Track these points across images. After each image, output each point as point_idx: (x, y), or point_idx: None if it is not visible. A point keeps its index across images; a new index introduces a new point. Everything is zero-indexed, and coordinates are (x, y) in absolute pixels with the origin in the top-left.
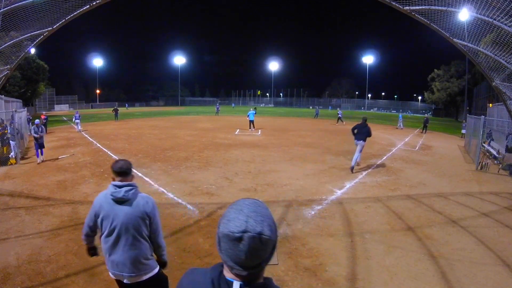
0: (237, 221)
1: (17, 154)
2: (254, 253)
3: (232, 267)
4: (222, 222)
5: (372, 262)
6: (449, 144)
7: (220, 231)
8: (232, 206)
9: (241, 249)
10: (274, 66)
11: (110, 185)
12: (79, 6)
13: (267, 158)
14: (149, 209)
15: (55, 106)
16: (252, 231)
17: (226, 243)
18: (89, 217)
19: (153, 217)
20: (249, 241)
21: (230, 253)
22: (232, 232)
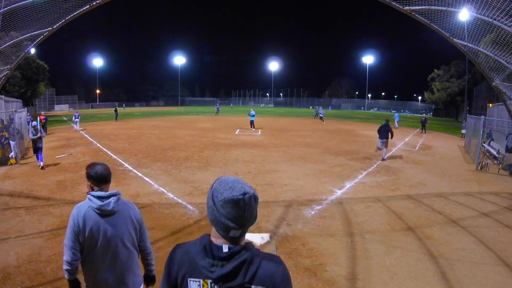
0: (236, 188)
1: (17, 154)
2: (251, 210)
3: (230, 228)
4: (220, 193)
5: (372, 262)
6: (449, 144)
7: (222, 199)
8: (220, 182)
9: (243, 208)
10: (274, 66)
11: (90, 196)
12: (79, 6)
13: (267, 158)
14: (137, 216)
15: (55, 106)
16: (249, 192)
17: (229, 207)
18: (70, 240)
19: (142, 223)
20: (248, 200)
21: (232, 215)
22: (236, 196)
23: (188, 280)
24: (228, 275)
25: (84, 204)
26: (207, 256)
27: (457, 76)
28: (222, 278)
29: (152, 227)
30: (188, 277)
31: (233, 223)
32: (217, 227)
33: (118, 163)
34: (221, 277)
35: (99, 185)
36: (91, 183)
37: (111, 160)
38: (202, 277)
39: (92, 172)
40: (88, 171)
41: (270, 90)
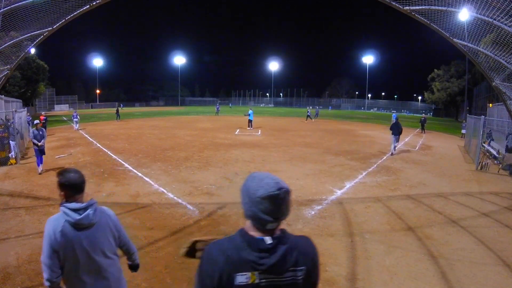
0: (271, 184)
1: (17, 154)
2: (286, 203)
3: (267, 222)
4: (256, 189)
5: (372, 262)
6: (449, 144)
7: (259, 195)
8: (253, 179)
9: (279, 203)
10: (274, 66)
11: (65, 209)
12: (79, 6)
13: (267, 158)
14: (115, 222)
15: (55, 106)
16: (284, 187)
17: (267, 202)
18: (49, 258)
19: (120, 228)
20: (284, 195)
21: (270, 209)
22: (272, 192)
23: (234, 275)
24: (276, 264)
25: (59, 218)
26: (253, 250)
27: (457, 76)
28: (271, 268)
29: (152, 227)
30: (234, 272)
31: (271, 217)
32: (254, 221)
33: (118, 163)
34: (271, 267)
35: (73, 196)
36: (64, 193)
37: (111, 160)
38: (249, 270)
39: (64, 181)
40: (59, 180)
41: (270, 90)
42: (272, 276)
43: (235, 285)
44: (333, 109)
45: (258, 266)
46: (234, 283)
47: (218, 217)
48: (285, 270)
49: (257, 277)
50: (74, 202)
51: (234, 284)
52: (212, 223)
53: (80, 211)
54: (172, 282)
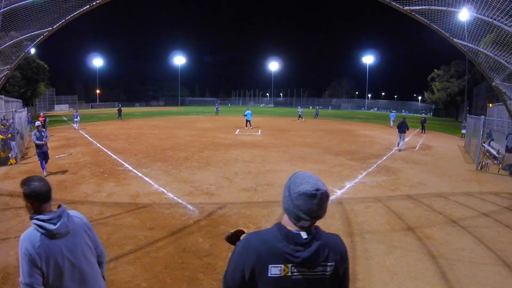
0: (311, 183)
1: (17, 154)
2: (322, 205)
3: (301, 218)
4: (296, 186)
5: (372, 262)
6: (449, 144)
7: (297, 192)
8: (297, 175)
9: (314, 203)
10: (274, 66)
11: (38, 222)
12: (79, 6)
13: (267, 158)
14: (87, 223)
15: (55, 106)
16: (322, 190)
17: (303, 199)
18: (30, 276)
19: (91, 228)
20: (320, 196)
21: (304, 207)
22: (309, 191)
23: (268, 266)
24: (310, 258)
25: (33, 232)
26: (290, 243)
27: (457, 76)
28: (305, 262)
29: (152, 227)
30: (268, 263)
31: (304, 214)
32: (289, 215)
33: (118, 163)
34: (305, 260)
35: (41, 206)
36: (31, 204)
37: (111, 160)
38: (284, 262)
39: (29, 191)
40: (24, 190)
41: (270, 90)
42: (305, 270)
43: (269, 277)
44: (333, 109)
45: (293, 259)
46: (267, 275)
47: (218, 217)
48: (317, 264)
49: (290, 270)
50: (44, 212)
51: (268, 275)
52: (212, 223)
53: (54, 220)
54: (172, 282)
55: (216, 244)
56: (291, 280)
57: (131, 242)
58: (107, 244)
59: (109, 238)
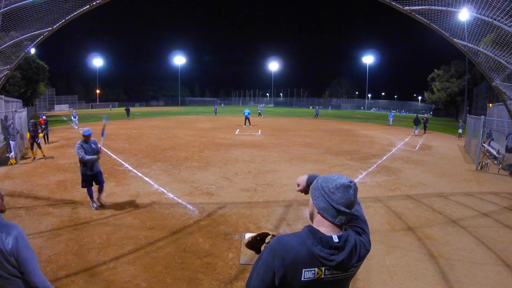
0: (342, 177)
1: (17, 154)
2: (356, 195)
3: (340, 212)
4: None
5: (372, 262)
6: (449, 144)
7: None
8: (326, 176)
9: (351, 193)
10: (274, 66)
11: None
12: (79, 6)
13: (267, 158)
14: (9, 247)
15: (55, 106)
16: (354, 181)
17: (341, 191)
18: None
19: (16, 254)
20: (354, 187)
21: (344, 199)
22: (345, 182)
23: (302, 270)
24: (344, 261)
25: None
26: (325, 247)
27: (457, 76)
28: (339, 264)
29: (152, 227)
30: (303, 268)
31: (343, 207)
32: (327, 214)
33: (118, 163)
34: (339, 263)
35: None
36: None
37: (111, 160)
38: (318, 266)
39: None
40: None
41: (270, 90)
42: (338, 272)
43: (301, 281)
44: (333, 109)
45: (328, 263)
46: (300, 279)
47: (218, 217)
48: (351, 266)
49: (323, 273)
50: None
51: (301, 279)
52: (212, 223)
53: None
54: (172, 282)
55: (216, 244)
56: (323, 282)
57: (131, 242)
58: (107, 244)
59: (109, 238)
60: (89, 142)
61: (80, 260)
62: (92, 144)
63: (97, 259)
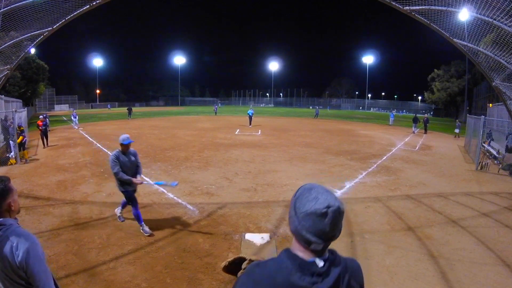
0: (319, 200)
1: (17, 154)
2: (335, 224)
3: (312, 242)
4: (302, 204)
5: (372, 262)
6: (449, 144)
7: (304, 211)
8: (303, 190)
9: (326, 223)
10: (274, 66)
11: None
12: (79, 6)
13: (267, 158)
14: (18, 259)
15: (55, 106)
16: (334, 206)
17: (312, 220)
18: None
19: (26, 267)
20: (332, 214)
21: (315, 229)
22: (318, 209)
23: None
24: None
25: None
26: (305, 275)
27: (457, 76)
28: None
29: (152, 227)
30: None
31: (314, 237)
32: (298, 238)
33: None
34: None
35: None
36: None
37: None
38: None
39: None
40: None
41: (270, 90)
42: None
43: None
44: (331, 109)
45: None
46: None
47: (218, 217)
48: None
49: None
50: None
51: None
52: (212, 223)
53: None
54: (172, 282)
55: (216, 244)
56: None
57: (131, 242)
58: (107, 244)
59: (109, 238)
60: (128, 153)
61: (80, 260)
62: (131, 156)
63: (97, 259)
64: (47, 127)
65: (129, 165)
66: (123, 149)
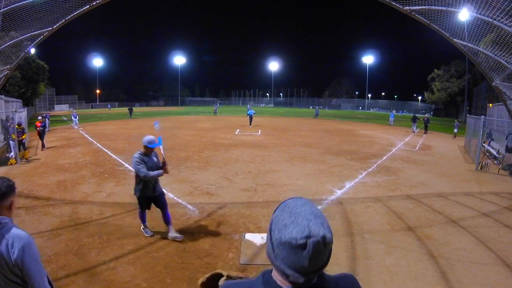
0: (298, 226)
1: (17, 154)
2: (317, 257)
3: (289, 275)
4: (278, 228)
5: (372, 262)
6: (449, 144)
7: (277, 239)
8: (283, 208)
9: (304, 256)
10: (274, 66)
11: None
12: (79, 6)
13: (267, 158)
14: (14, 257)
15: (55, 106)
16: (316, 236)
17: (286, 251)
18: None
19: (21, 265)
20: (314, 246)
21: (290, 261)
22: (294, 239)
23: None
24: None
25: None
26: None
27: (457, 76)
28: None
29: (152, 227)
30: None
31: (291, 270)
32: (274, 266)
33: (118, 163)
34: None
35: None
36: None
37: (111, 160)
38: None
39: None
40: None
41: (270, 90)
42: None
43: None
44: (330, 109)
45: None
46: None
47: (218, 217)
48: None
49: None
50: None
51: None
52: (212, 223)
53: None
54: (172, 282)
55: (216, 244)
56: None
57: (131, 242)
58: (107, 244)
59: (109, 238)
60: (150, 155)
61: (80, 260)
62: (153, 158)
63: (97, 259)
64: (45, 128)
65: (152, 166)
66: (147, 152)
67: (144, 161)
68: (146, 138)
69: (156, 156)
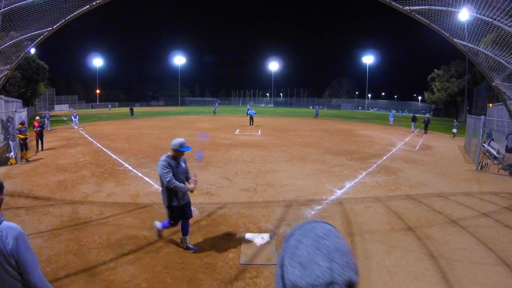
0: (318, 268)
1: (17, 154)
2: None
3: None
4: (292, 265)
5: (372, 262)
6: (449, 144)
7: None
8: (300, 238)
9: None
10: (274, 66)
11: None
12: (79, 6)
13: (267, 158)
14: (9, 247)
15: (55, 106)
16: (341, 282)
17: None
18: None
19: (16, 254)
20: None
21: None
22: (311, 286)
23: None
24: None
25: None
26: None
27: (457, 76)
28: None
29: (152, 227)
30: None
31: None
32: None
33: (118, 163)
34: None
35: None
36: None
37: (111, 160)
38: None
39: None
40: None
41: (270, 90)
42: None
43: None
44: (329, 109)
45: None
46: None
47: (218, 217)
48: None
49: None
50: None
51: None
52: (212, 223)
53: None
54: (172, 282)
55: (216, 244)
56: None
57: (131, 242)
58: (107, 244)
59: (109, 238)
60: (179, 159)
61: (80, 260)
62: (181, 163)
63: (97, 259)
64: (43, 129)
65: (181, 172)
66: (177, 156)
67: (171, 166)
68: (177, 140)
69: (184, 161)
